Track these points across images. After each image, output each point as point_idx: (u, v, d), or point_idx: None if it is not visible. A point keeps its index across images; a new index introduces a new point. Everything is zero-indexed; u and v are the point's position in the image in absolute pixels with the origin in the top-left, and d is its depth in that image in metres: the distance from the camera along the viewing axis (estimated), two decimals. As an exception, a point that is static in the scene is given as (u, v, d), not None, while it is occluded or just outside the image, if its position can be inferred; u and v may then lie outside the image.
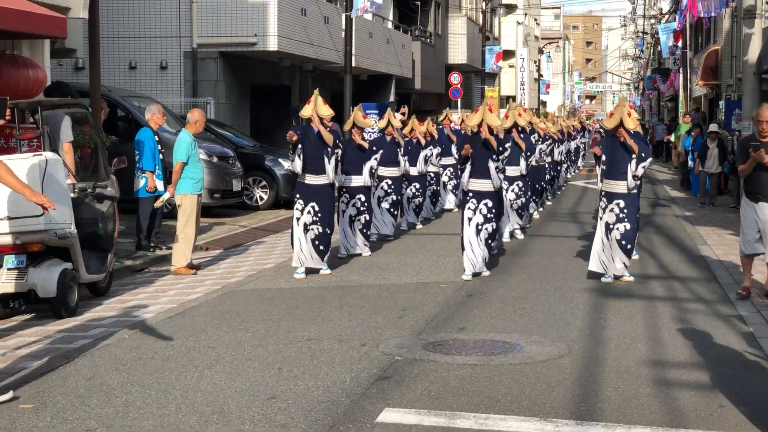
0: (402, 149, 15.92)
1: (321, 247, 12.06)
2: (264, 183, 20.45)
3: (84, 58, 20.66)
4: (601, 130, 17.16)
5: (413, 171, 17.34)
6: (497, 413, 6.37)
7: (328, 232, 12.15)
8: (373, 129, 18.43)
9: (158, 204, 13.24)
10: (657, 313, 9.82)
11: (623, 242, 11.56)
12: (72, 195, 10.04)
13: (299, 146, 11.91)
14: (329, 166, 12.06)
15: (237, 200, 19.12)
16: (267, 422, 6.17)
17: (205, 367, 7.56)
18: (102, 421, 6.23)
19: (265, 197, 20.41)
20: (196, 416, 6.31)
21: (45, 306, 9.75)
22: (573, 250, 14.46)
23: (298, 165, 12.02)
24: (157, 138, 14.00)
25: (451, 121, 20.93)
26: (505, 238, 15.20)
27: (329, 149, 12.02)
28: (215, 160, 18.03)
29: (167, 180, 13.82)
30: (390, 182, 15.53)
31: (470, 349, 8.21)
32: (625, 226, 11.57)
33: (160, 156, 14.00)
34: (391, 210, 15.60)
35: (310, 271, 12.13)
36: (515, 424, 6.17)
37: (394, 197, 15.62)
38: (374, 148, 14.10)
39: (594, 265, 11.73)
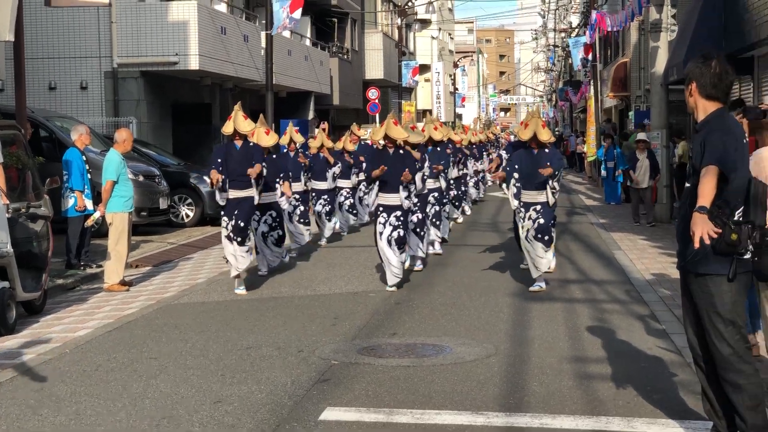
0: (305, 166, 16.47)
1: (251, 255, 12.45)
2: (189, 200, 20.67)
3: (4, 80, 20.74)
4: (502, 153, 17.80)
5: (321, 186, 17.44)
6: (432, 408, 6.81)
7: (248, 243, 12.31)
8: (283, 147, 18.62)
9: (89, 223, 13.43)
10: (576, 314, 10.36)
11: (539, 234, 11.76)
12: (6, 215, 10.25)
13: (218, 182, 12.03)
14: (256, 189, 12.32)
15: (164, 218, 19.35)
16: (216, 424, 6.52)
17: (150, 376, 7.87)
18: (56, 428, 6.52)
19: (191, 214, 20.64)
20: (146, 421, 6.63)
21: (-17, 325, 9.92)
22: (495, 258, 14.99)
23: (221, 197, 12.26)
24: (84, 158, 14.20)
25: (359, 137, 21.07)
26: (432, 249, 15.37)
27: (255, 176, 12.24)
28: (141, 178, 18.21)
29: (95, 199, 14.06)
30: (297, 196, 15.81)
31: (403, 351, 8.65)
32: (539, 221, 11.80)
33: (88, 175, 14.20)
34: (302, 220, 15.94)
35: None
36: (449, 417, 6.60)
37: (302, 207, 16.00)
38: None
39: (533, 272, 11.96)
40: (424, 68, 61.53)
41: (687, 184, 5.83)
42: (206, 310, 11.04)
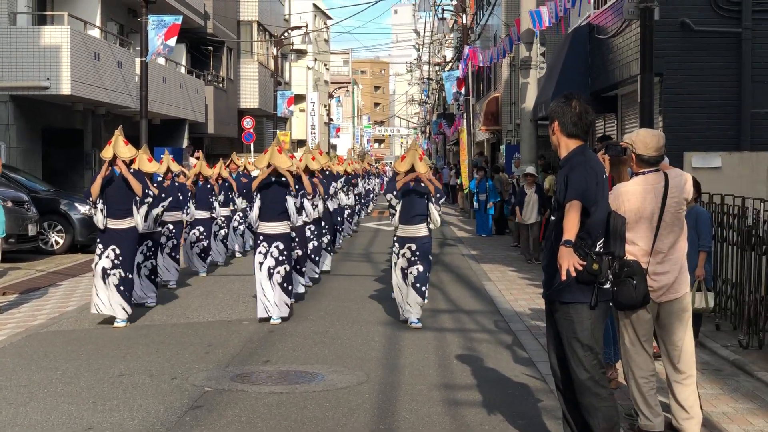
0: (183, 195, 15.64)
1: (126, 293, 11.68)
2: (59, 227, 20.35)
3: None
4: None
5: (199, 215, 16.89)
6: (304, 434, 6.94)
7: (130, 277, 11.85)
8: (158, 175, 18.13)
9: (-42, 249, 13.18)
10: (446, 343, 10.62)
11: (417, 284, 11.55)
12: None
13: (100, 199, 11.65)
14: (138, 214, 11.83)
15: (32, 245, 19.02)
16: (87, 451, 6.53)
17: (19, 404, 7.80)
18: None
19: (61, 241, 20.31)
20: (16, 449, 6.59)
21: None
22: (368, 288, 15.19)
23: (100, 220, 11.68)
24: (-48, 183, 13.94)
25: (237, 166, 21.04)
26: (308, 283, 15.04)
27: (137, 197, 11.81)
28: (9, 204, 17.88)
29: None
30: (171, 227, 15.26)
31: (276, 379, 8.76)
32: (417, 268, 11.61)
33: (-44, 201, 13.93)
34: (173, 254, 15.28)
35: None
36: (321, 442, 6.74)
37: (175, 241, 15.37)
38: (163, 195, 13.73)
39: (402, 313, 11.80)
40: (299, 98, 61.82)
41: (552, 218, 6.13)
42: (76, 338, 10.94)
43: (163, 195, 13.91)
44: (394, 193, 11.86)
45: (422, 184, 11.86)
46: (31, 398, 7.99)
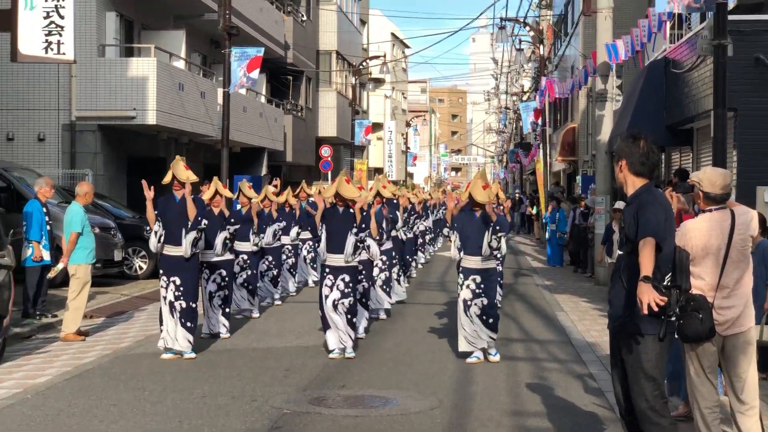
0: (255, 224, 15.56)
1: (188, 324, 11.54)
2: (143, 253, 21.00)
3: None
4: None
5: (265, 242, 16.61)
6: (378, 456, 7.25)
7: (194, 306, 11.67)
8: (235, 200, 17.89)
9: (52, 274, 13.77)
10: (518, 371, 10.87)
11: (484, 317, 11.37)
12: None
13: (158, 222, 11.64)
14: (187, 239, 11.59)
15: (118, 270, 19.67)
16: (174, 467, 6.92)
17: (110, 421, 8.24)
18: (22, 469, 6.87)
19: (145, 267, 20.97)
20: (108, 463, 7.00)
21: (-56, 370, 10.23)
22: (441, 317, 15.48)
23: (153, 243, 11.62)
24: (45, 210, 14.55)
25: (307, 194, 21.22)
26: (381, 315, 15.16)
27: (189, 222, 11.58)
28: (97, 230, 18.49)
29: (54, 251, 14.44)
30: (245, 257, 15.18)
31: (351, 402, 9.11)
32: (482, 301, 11.40)
33: (48, 227, 14.54)
34: (247, 284, 15.16)
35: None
36: (394, 464, 7.05)
37: (249, 272, 15.26)
38: (232, 220, 13.74)
39: (462, 345, 11.50)
40: (376, 126, 62.45)
41: (619, 252, 6.40)
42: (161, 360, 11.39)
43: (232, 220, 13.82)
44: (448, 225, 11.97)
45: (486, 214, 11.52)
46: (121, 416, 8.43)
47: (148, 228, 20.65)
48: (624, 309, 6.15)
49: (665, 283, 6.05)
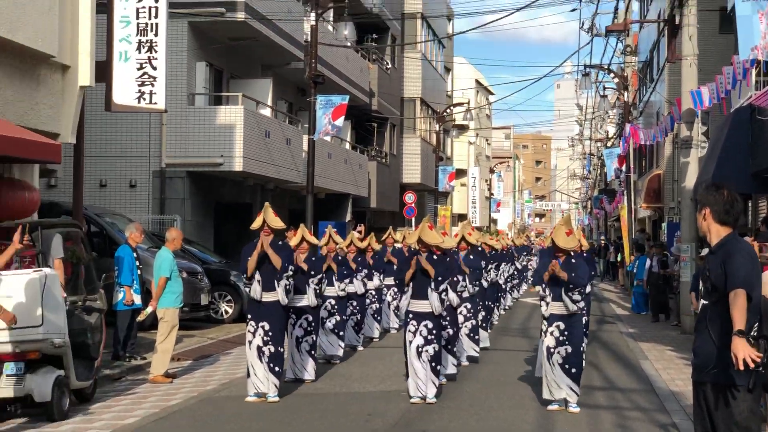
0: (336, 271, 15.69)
1: (276, 369, 11.76)
2: (229, 297, 21.38)
3: (60, 177, 21.76)
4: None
5: (350, 289, 16.75)
6: (458, 501, 7.33)
7: (281, 351, 11.91)
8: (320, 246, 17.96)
9: (141, 318, 14.15)
10: (600, 420, 10.86)
11: (566, 366, 11.32)
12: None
13: (257, 271, 11.88)
14: (279, 287, 11.84)
15: (204, 314, 20.06)
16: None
17: (196, 463, 8.46)
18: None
19: (230, 311, 21.33)
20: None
21: (38, 410, 10.55)
22: (524, 364, 15.47)
23: (257, 290, 11.86)
24: (135, 254, 14.97)
25: (395, 240, 21.18)
26: (466, 362, 15.05)
27: (278, 271, 11.84)
28: (184, 275, 18.89)
29: (144, 295, 14.85)
30: (333, 302, 15.48)
31: (432, 448, 9.18)
32: (566, 349, 11.36)
33: (138, 272, 14.96)
34: (336, 330, 15.45)
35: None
36: None
37: (338, 317, 15.53)
38: (313, 271, 13.65)
39: (545, 393, 11.51)
40: (460, 173, 62.60)
41: (703, 301, 6.42)
42: (245, 403, 11.61)
43: (313, 272, 13.74)
44: (543, 285, 11.59)
45: (572, 261, 11.58)
46: (207, 458, 8.64)
47: (235, 273, 21.30)
48: (712, 360, 6.11)
49: (753, 333, 6.02)
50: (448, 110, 52.45)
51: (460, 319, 14.68)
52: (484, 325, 17.15)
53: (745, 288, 5.94)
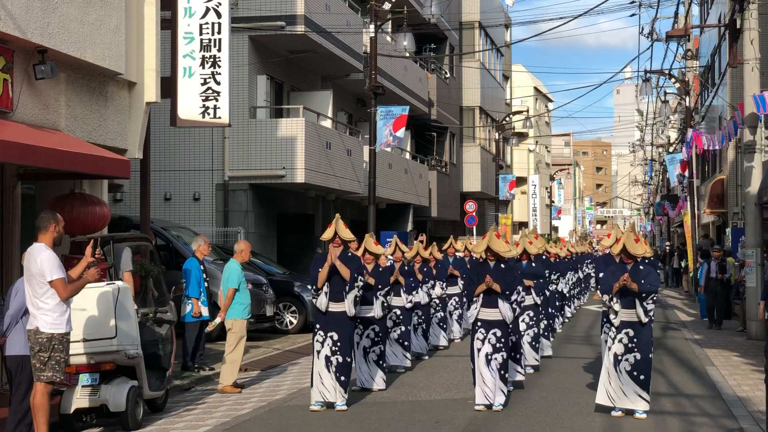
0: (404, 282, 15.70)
1: (342, 378, 11.93)
2: (293, 308, 21.61)
3: (125, 192, 22.20)
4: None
5: (416, 298, 16.78)
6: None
7: (349, 361, 12.06)
8: (389, 257, 18.07)
9: (210, 329, 14.41)
10: (667, 426, 10.87)
11: (635, 373, 11.37)
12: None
13: (326, 283, 12.01)
14: (348, 299, 12.00)
15: (269, 324, 20.29)
16: None
17: (268, 470, 8.63)
18: None
19: (295, 321, 21.55)
20: None
21: (113, 420, 10.81)
22: (588, 370, 15.47)
23: (323, 302, 12.00)
24: (202, 267, 15.24)
25: (456, 250, 21.10)
26: (529, 370, 14.95)
27: (347, 282, 12.01)
28: (250, 286, 19.12)
29: (210, 307, 15.12)
30: (398, 312, 15.49)
31: (500, 455, 9.28)
32: (635, 356, 11.41)
33: (205, 284, 15.22)
34: (401, 340, 15.50)
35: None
36: None
37: (403, 328, 15.57)
38: (380, 285, 13.79)
39: (601, 398, 11.55)
40: (520, 180, 62.47)
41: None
42: (314, 412, 11.76)
43: (380, 286, 13.86)
44: (611, 296, 11.60)
45: (640, 268, 11.56)
46: (278, 465, 8.81)
47: (299, 283, 21.53)
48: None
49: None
50: (507, 118, 52.40)
51: (522, 326, 14.69)
52: (546, 333, 17.16)
53: None
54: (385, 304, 13.89)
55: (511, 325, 12.61)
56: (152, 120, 15.83)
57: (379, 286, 13.74)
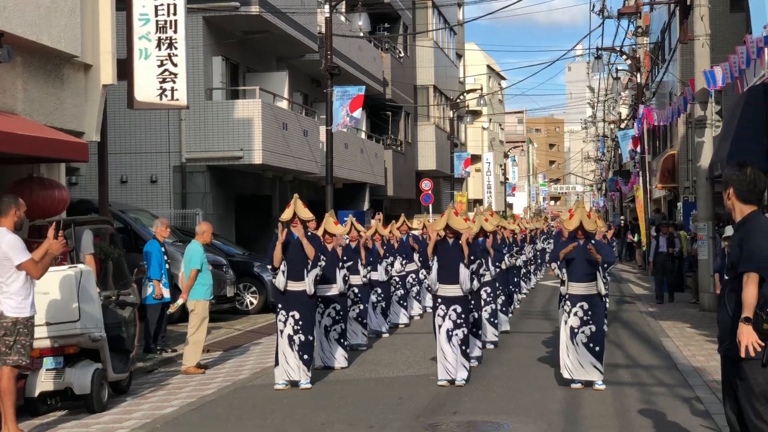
0: (362, 258, 15.87)
1: (305, 357, 11.99)
2: (254, 289, 21.68)
3: (81, 175, 22.06)
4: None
5: (374, 276, 16.99)
6: (493, 477, 7.60)
7: (311, 339, 12.15)
8: (345, 237, 18.24)
9: (172, 310, 14.45)
10: (624, 396, 11.11)
11: (590, 345, 11.59)
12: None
13: (282, 261, 12.04)
14: (309, 277, 12.04)
15: (230, 305, 20.34)
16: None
17: (237, 448, 8.75)
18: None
19: (255, 302, 21.63)
20: (240, 485, 7.47)
21: (78, 403, 10.86)
22: (547, 344, 15.71)
23: (281, 281, 12.03)
24: (163, 249, 15.26)
25: (409, 227, 21.40)
26: (489, 345, 15.14)
27: (309, 260, 12.04)
28: (210, 268, 19.20)
29: (172, 288, 15.16)
30: (356, 290, 15.50)
31: (464, 428, 9.48)
32: (590, 328, 11.64)
33: (166, 266, 15.25)
34: (360, 319, 15.59)
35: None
36: (509, 484, 7.38)
37: (362, 306, 15.68)
38: (345, 258, 14.14)
39: (565, 373, 11.77)
40: (475, 158, 62.74)
41: (726, 277, 6.65)
42: (279, 390, 11.87)
43: (345, 257, 14.28)
44: (558, 263, 11.92)
45: (593, 242, 11.80)
46: (246, 443, 8.93)
47: (258, 264, 21.59)
48: (728, 334, 6.37)
49: (767, 309, 6.22)
50: (461, 97, 52.60)
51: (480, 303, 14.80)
52: (504, 309, 17.36)
53: (759, 271, 6.15)
54: (347, 278, 14.01)
55: (473, 301, 12.82)
56: (107, 102, 15.77)
57: (345, 258, 13.95)
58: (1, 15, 11.84)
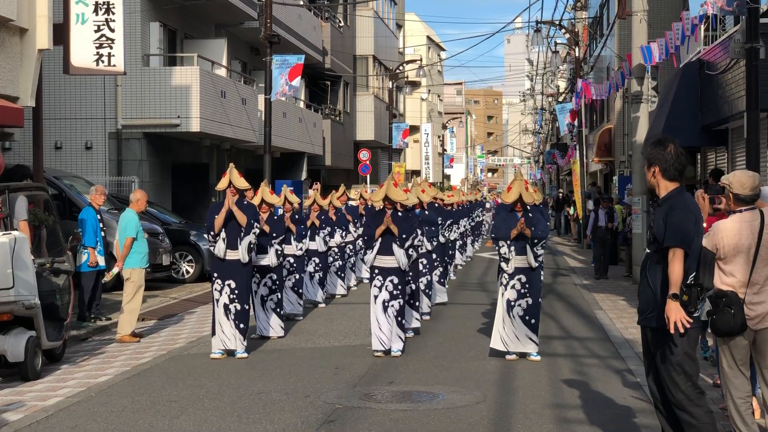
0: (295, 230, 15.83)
1: (241, 326, 11.99)
2: (190, 257, 21.58)
3: (15, 140, 21.72)
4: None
5: (313, 246, 17.21)
6: (428, 446, 7.69)
7: (247, 308, 12.17)
8: (279, 206, 18.21)
9: (108, 278, 14.33)
10: (558, 367, 11.28)
11: (527, 317, 11.72)
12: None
13: (223, 229, 12.02)
14: (242, 245, 12.02)
15: (166, 274, 20.22)
16: (237, 457, 7.38)
17: (172, 416, 8.74)
18: (95, 460, 7.36)
19: (191, 270, 21.54)
20: (175, 454, 7.48)
21: (12, 371, 10.76)
22: (483, 317, 15.87)
23: (221, 248, 12.01)
24: (99, 216, 15.11)
25: (349, 197, 21.40)
26: (425, 317, 15.16)
27: (243, 228, 12.06)
28: (146, 236, 19.06)
29: (107, 257, 15.02)
30: (292, 261, 15.64)
31: (400, 398, 9.56)
32: (527, 301, 11.77)
33: (102, 233, 15.10)
34: (296, 288, 15.70)
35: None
36: (443, 453, 7.48)
37: (297, 276, 15.78)
38: (274, 234, 13.92)
39: (495, 343, 11.84)
40: (413, 129, 62.80)
41: (647, 250, 6.78)
42: (213, 359, 11.86)
43: (275, 234, 14.01)
44: (508, 242, 11.79)
45: (530, 215, 11.87)
46: (182, 412, 8.92)
47: (194, 232, 21.49)
48: (650, 305, 6.51)
49: (688, 281, 6.36)
50: (401, 67, 52.59)
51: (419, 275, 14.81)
52: (441, 280, 17.46)
53: (683, 246, 6.28)
54: (279, 252, 14.01)
55: (411, 273, 12.87)
56: (42, 67, 15.54)
57: (274, 234, 13.87)
58: (-66, -24, 11.59)
